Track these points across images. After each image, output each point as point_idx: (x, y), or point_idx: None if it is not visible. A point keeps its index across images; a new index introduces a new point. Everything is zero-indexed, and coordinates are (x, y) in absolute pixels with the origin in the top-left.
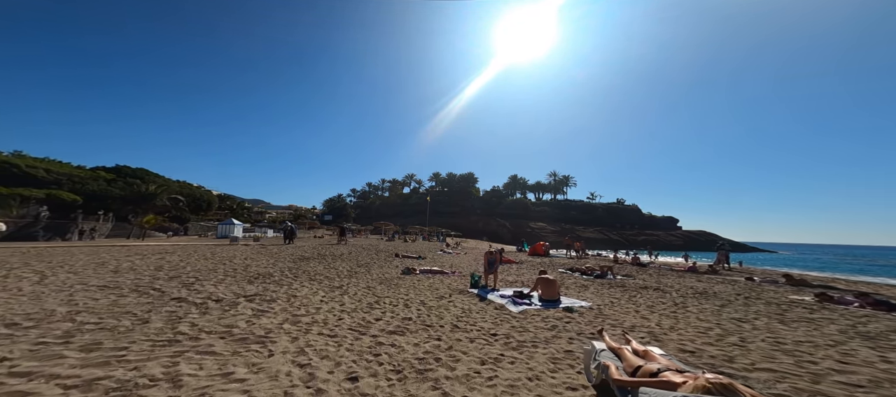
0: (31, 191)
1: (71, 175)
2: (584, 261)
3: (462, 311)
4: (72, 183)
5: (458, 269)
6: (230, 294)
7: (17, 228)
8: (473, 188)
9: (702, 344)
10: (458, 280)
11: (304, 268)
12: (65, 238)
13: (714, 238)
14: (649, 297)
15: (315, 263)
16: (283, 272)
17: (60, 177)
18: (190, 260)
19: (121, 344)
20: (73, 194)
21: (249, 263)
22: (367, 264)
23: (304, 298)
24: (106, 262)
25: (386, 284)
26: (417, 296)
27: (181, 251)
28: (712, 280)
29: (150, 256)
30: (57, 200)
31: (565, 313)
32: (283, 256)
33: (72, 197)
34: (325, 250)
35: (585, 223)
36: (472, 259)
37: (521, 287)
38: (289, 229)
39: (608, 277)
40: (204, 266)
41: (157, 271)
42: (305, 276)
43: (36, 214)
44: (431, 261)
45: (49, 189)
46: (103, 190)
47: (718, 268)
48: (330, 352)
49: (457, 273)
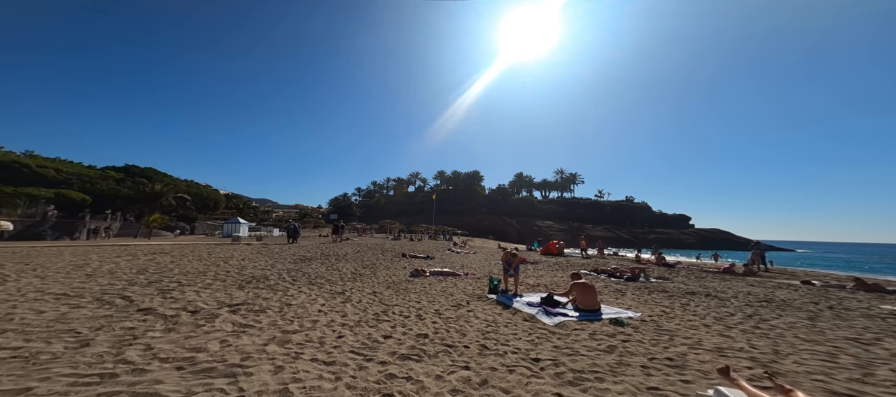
0: (39, 191)
1: (80, 174)
2: (604, 261)
3: (487, 324)
4: (81, 182)
5: (471, 271)
6: (212, 302)
7: (25, 227)
8: (479, 186)
9: (851, 384)
10: (473, 283)
11: (304, 270)
12: (73, 237)
13: (728, 236)
14: (707, 306)
15: (317, 264)
16: (281, 274)
17: (70, 176)
18: (182, 261)
19: (24, 385)
20: (83, 194)
21: (245, 264)
22: (372, 265)
23: (299, 307)
24: (87, 264)
25: (394, 289)
26: (431, 303)
27: (178, 251)
28: (762, 283)
29: (142, 257)
30: (66, 200)
31: (615, 327)
32: (283, 257)
33: (81, 196)
34: (328, 250)
35: (593, 221)
36: (483, 259)
37: (544, 291)
38: (292, 228)
39: (641, 280)
40: (194, 267)
41: (139, 274)
42: (305, 280)
43: (43, 214)
44: (440, 262)
45: (59, 188)
46: (112, 189)
47: (754, 268)
48: (325, 392)
49: (470, 275)
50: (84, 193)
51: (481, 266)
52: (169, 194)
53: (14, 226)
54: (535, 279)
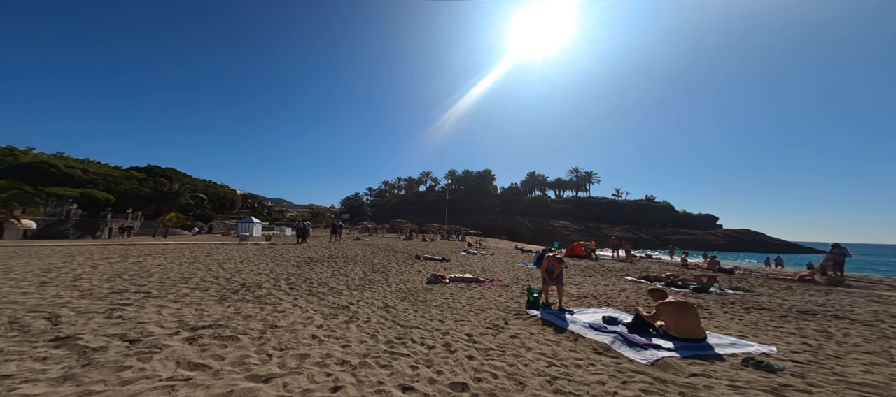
0: (65, 190)
1: (106, 175)
2: (640, 264)
3: (547, 361)
4: (106, 182)
5: (495, 276)
6: (172, 324)
7: (48, 225)
8: (490, 185)
9: None
10: (502, 292)
11: (306, 275)
12: (94, 236)
13: (760, 237)
14: (861, 335)
15: (323, 268)
16: (278, 281)
17: (96, 176)
18: (172, 263)
19: None
20: (107, 193)
21: (242, 268)
22: (383, 269)
23: (288, 331)
24: (56, 267)
25: (410, 300)
26: (459, 323)
27: (177, 251)
28: (882, 298)
29: (132, 258)
30: (91, 199)
31: (761, 373)
32: (287, 258)
33: (105, 195)
34: (337, 251)
35: (611, 221)
36: (503, 261)
37: (595, 305)
38: (301, 227)
39: (715, 291)
40: (181, 272)
41: (108, 281)
42: (304, 288)
43: (66, 212)
44: (458, 265)
45: (85, 188)
46: (134, 189)
47: (832, 275)
48: None
49: (496, 282)
50: (108, 193)
51: (504, 270)
52: (186, 193)
53: (36, 225)
54: (576, 288)
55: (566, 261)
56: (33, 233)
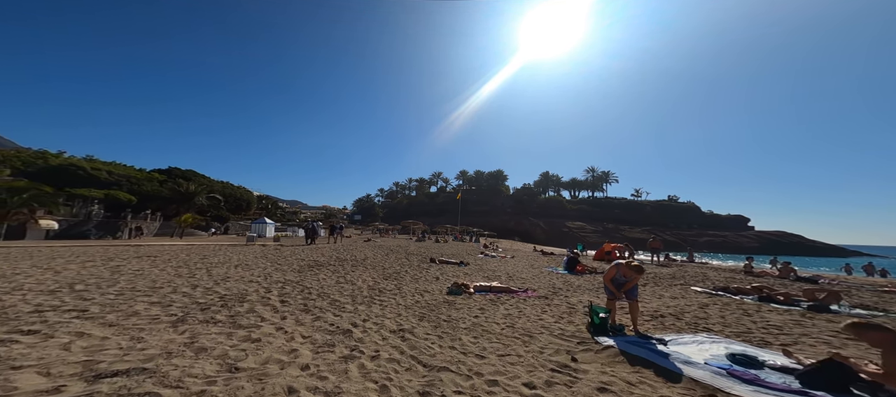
0: (90, 191)
1: (129, 176)
2: (678, 267)
3: None
4: (129, 184)
5: (528, 284)
6: (65, 370)
7: (70, 226)
8: (503, 186)
9: None
10: (543, 306)
11: (306, 283)
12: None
13: (800, 240)
14: None
15: (327, 274)
16: (270, 290)
17: (120, 178)
18: (155, 268)
19: None
20: (129, 194)
21: (232, 274)
22: (396, 274)
23: (254, 377)
24: (8, 274)
25: (430, 319)
26: (505, 358)
27: (173, 252)
28: None
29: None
30: (114, 200)
31: None
32: (290, 261)
33: (127, 197)
34: (346, 253)
35: (631, 222)
36: (527, 264)
37: (695, 332)
38: (310, 228)
39: (839, 310)
40: (154, 279)
41: (50, 293)
42: (300, 300)
43: (87, 213)
44: (478, 269)
45: (109, 190)
46: (155, 190)
47: None
48: None
49: (530, 292)
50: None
51: (533, 276)
52: (202, 194)
53: (58, 225)
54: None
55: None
56: (55, 234)
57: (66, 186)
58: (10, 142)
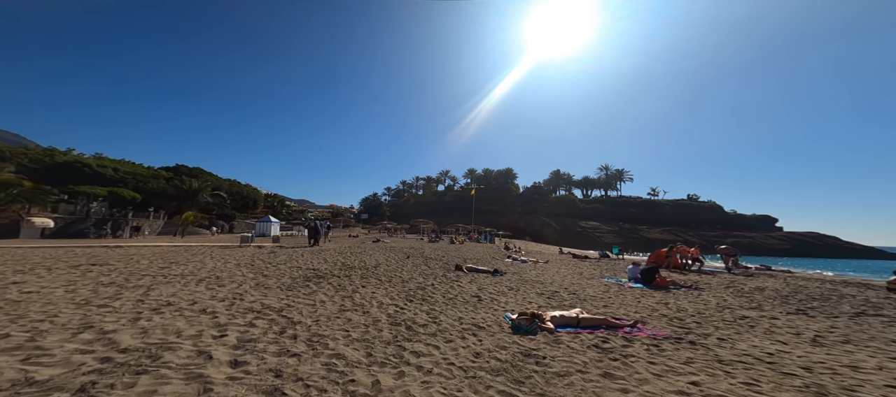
0: (93, 189)
1: (135, 174)
2: (756, 277)
3: None
4: (135, 181)
5: (611, 310)
6: None
7: (67, 224)
8: (512, 184)
9: None
10: (687, 356)
11: (290, 314)
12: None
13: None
14: None
15: (327, 291)
16: (223, 334)
17: (126, 175)
18: (100, 283)
19: None
20: (134, 192)
21: (182, 296)
22: (422, 292)
23: None
24: None
25: None
26: None
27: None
28: None
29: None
30: (118, 198)
31: None
32: (283, 270)
33: (131, 194)
34: (353, 258)
35: (649, 222)
36: (573, 271)
37: None
38: (312, 227)
39: None
40: (44, 310)
41: None
42: (266, 363)
43: (87, 211)
44: (518, 280)
45: (113, 187)
46: (161, 188)
47: None
48: None
49: (640, 327)
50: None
51: (601, 294)
52: (206, 192)
53: (55, 224)
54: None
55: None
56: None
57: (70, 183)
58: (31, 142)
